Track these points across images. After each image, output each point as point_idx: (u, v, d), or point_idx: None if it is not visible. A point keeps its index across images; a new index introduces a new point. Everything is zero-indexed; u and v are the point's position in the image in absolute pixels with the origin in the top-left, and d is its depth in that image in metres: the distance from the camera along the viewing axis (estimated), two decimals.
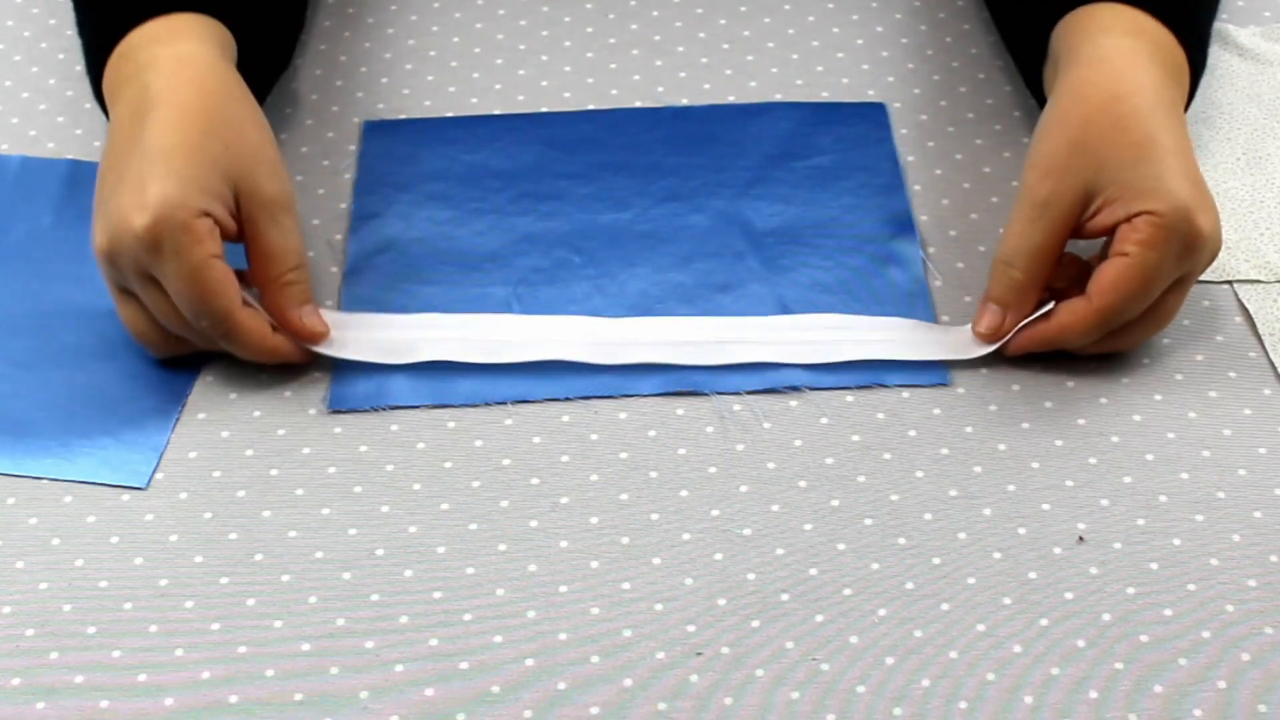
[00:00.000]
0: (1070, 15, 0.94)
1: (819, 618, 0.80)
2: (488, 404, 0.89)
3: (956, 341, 0.91)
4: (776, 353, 0.90)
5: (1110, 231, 0.87)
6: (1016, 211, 0.88)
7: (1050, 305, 0.88)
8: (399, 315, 0.91)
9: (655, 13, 1.09)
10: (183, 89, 0.88)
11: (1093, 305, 0.87)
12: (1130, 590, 0.81)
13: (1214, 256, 0.88)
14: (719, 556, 0.83)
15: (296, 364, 0.90)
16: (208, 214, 0.85)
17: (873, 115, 1.03)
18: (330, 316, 0.91)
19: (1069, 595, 0.81)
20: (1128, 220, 0.86)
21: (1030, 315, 0.89)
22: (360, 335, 0.90)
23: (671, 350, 0.90)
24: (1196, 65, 0.94)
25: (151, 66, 0.89)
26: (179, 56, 0.89)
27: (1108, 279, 0.86)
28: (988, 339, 0.90)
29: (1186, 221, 0.85)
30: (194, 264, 0.84)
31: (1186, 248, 0.86)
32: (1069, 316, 0.88)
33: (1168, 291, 0.88)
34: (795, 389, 0.89)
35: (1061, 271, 0.90)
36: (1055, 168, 0.87)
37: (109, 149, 0.88)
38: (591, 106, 1.03)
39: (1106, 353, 0.90)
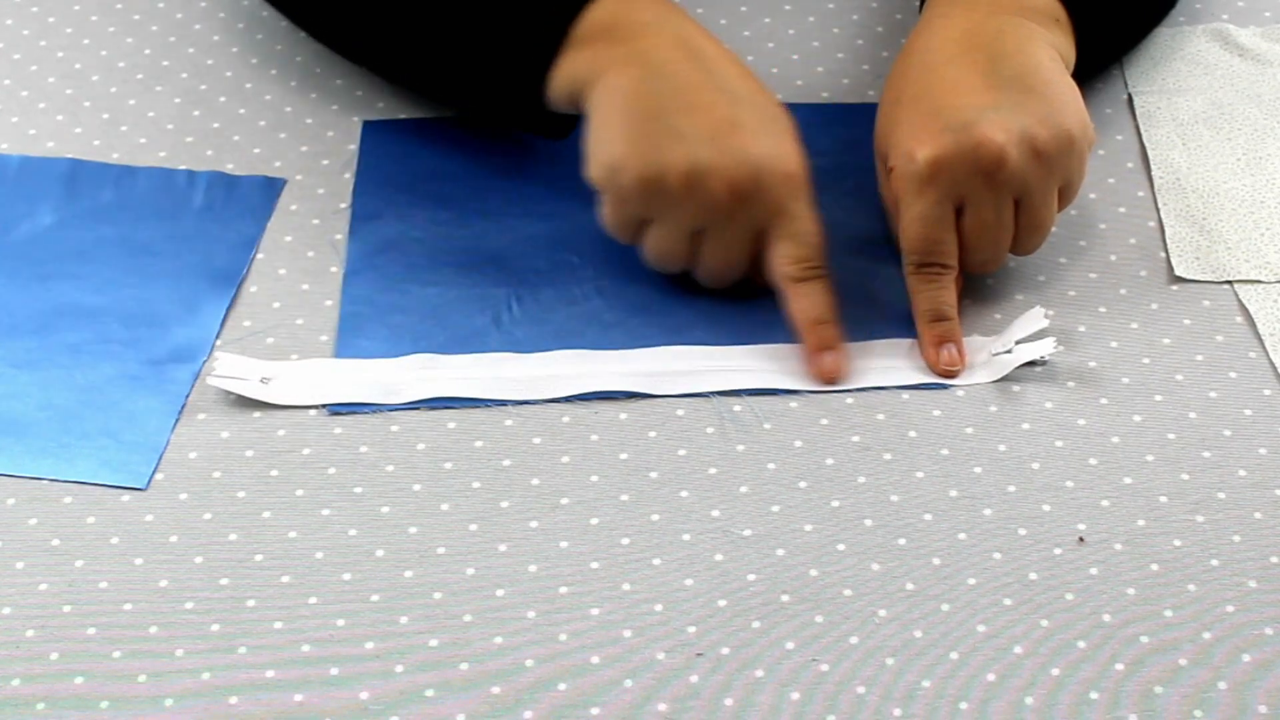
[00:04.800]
0: None
1: (819, 618, 0.80)
2: (488, 405, 0.89)
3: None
4: (772, 380, 0.90)
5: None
6: None
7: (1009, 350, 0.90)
8: (393, 359, 0.91)
9: None
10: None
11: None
12: (1131, 591, 0.81)
13: (1019, 149, 0.88)
14: (719, 557, 0.83)
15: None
16: None
17: (873, 116, 1.03)
18: (322, 363, 0.91)
19: (1070, 596, 0.81)
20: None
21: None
22: (354, 378, 0.90)
23: (660, 381, 0.90)
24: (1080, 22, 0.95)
25: (677, 11, 0.94)
26: (693, 21, 0.94)
27: (904, 232, 0.90)
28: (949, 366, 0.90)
29: (912, 162, 0.88)
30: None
31: (965, 172, 0.88)
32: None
33: (1033, 207, 0.90)
34: (795, 390, 0.89)
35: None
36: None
37: (662, 67, 0.90)
38: None
39: (1026, 254, 0.93)
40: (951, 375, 0.90)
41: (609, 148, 0.89)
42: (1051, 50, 0.92)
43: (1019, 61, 0.90)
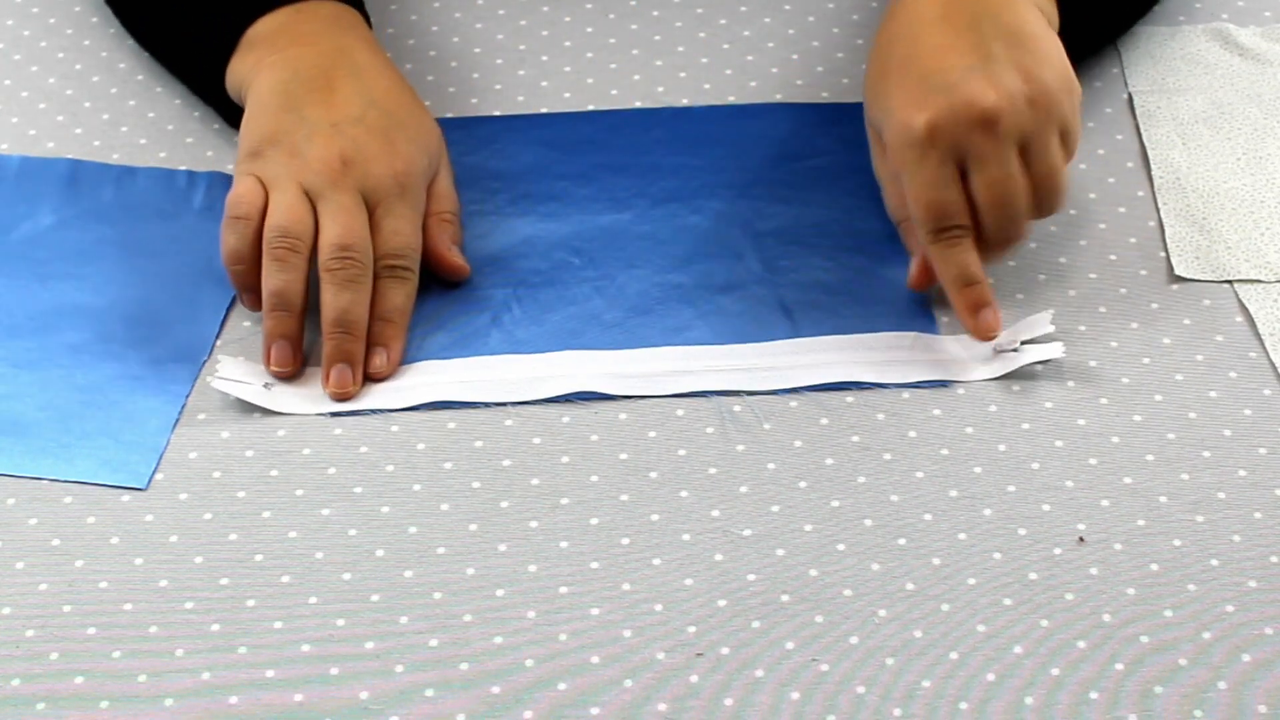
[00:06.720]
0: None
1: (819, 618, 0.80)
2: (488, 405, 0.89)
3: (954, 360, 0.91)
4: (772, 380, 0.90)
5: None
6: None
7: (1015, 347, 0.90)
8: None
9: (655, 13, 1.09)
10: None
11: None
12: (1131, 591, 0.81)
13: (1011, 104, 0.88)
14: (719, 557, 0.83)
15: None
16: None
17: None
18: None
19: (1070, 596, 0.81)
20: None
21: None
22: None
23: (659, 381, 0.90)
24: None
25: (352, 31, 0.98)
26: (370, 43, 0.99)
27: (914, 202, 0.89)
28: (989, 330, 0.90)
29: (909, 131, 0.88)
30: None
31: (963, 130, 0.87)
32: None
33: (1038, 154, 0.89)
34: (795, 390, 0.89)
35: None
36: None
37: (304, 56, 0.95)
38: (591, 107, 1.03)
39: (1043, 216, 0.91)
40: (991, 338, 0.89)
41: (249, 136, 0.93)
42: (1034, 9, 0.92)
43: (1002, 19, 0.90)
